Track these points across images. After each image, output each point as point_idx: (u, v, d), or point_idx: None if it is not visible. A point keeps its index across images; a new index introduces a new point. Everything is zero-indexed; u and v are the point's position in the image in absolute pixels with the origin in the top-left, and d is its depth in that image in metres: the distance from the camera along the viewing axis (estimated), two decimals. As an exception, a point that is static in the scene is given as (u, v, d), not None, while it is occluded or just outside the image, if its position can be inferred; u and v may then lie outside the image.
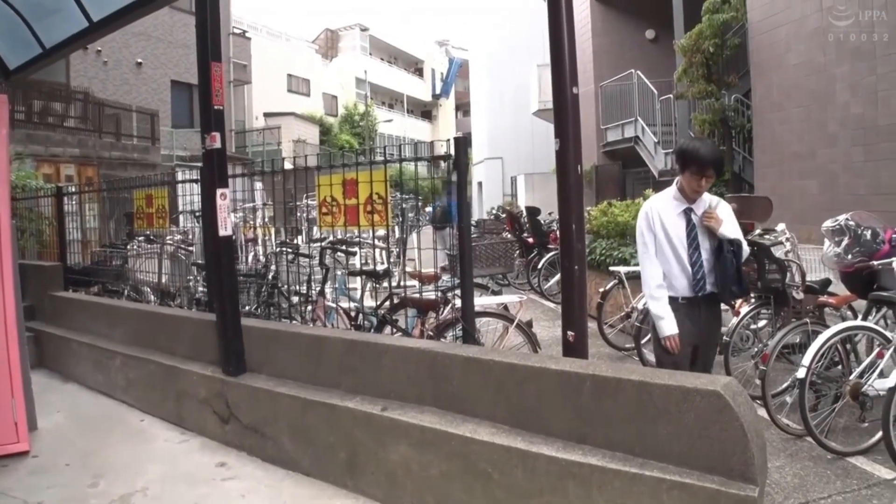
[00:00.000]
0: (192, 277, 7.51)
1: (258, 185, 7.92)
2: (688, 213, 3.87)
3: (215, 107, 4.29)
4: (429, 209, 13.57)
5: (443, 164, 4.22)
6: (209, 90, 4.28)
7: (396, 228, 9.64)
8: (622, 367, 2.89)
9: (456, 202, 4.09)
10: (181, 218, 8.62)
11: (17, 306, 4.68)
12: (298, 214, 8.86)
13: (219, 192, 4.31)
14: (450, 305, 5.03)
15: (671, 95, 16.47)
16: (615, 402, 2.70)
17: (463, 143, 3.91)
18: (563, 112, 3.18)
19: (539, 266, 11.22)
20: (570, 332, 3.27)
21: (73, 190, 9.14)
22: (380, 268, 6.33)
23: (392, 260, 9.40)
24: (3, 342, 4.47)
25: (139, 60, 23.27)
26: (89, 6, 5.49)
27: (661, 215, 3.88)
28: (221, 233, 4.33)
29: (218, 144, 4.29)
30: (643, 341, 6.54)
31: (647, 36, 20.65)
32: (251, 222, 8.96)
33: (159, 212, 6.48)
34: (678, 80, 14.96)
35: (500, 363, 3.12)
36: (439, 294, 5.12)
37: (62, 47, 6.07)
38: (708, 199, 3.93)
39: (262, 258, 7.99)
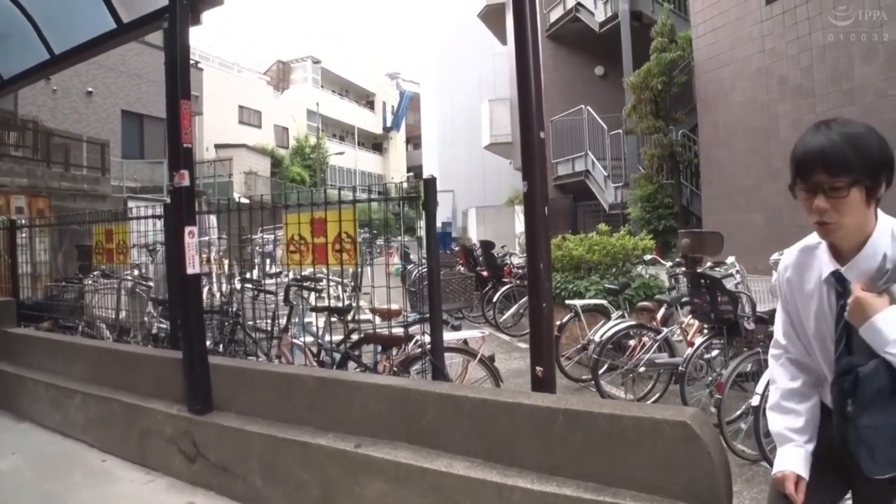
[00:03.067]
0: (149, 313, 7.45)
1: (212, 218, 7.91)
2: (837, 283, 1.94)
3: (184, 145, 4.32)
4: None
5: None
6: (178, 128, 4.31)
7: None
8: (593, 400, 3.00)
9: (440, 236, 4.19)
10: (134, 252, 8.56)
11: (-25, 345, 4.63)
12: (252, 248, 8.84)
13: (187, 229, 4.33)
14: (413, 341, 5.09)
15: (621, 130, 16.91)
16: (587, 434, 2.79)
17: (432, 184, 4.02)
18: (531, 155, 3.31)
19: (494, 299, 11.33)
20: (538, 368, 3.37)
21: (28, 223, 9.01)
22: (341, 304, 6.37)
23: (348, 294, 9.44)
24: (-42, 382, 4.41)
25: (89, 89, 22.98)
26: (51, 39, 5.49)
27: (793, 282, 2.12)
28: (189, 270, 4.35)
29: (187, 182, 4.32)
30: (600, 372, 6.68)
31: (597, 72, 21.23)
32: (205, 256, 8.93)
33: (119, 247, 6.44)
34: (628, 116, 15.41)
35: (473, 399, 3.19)
36: (405, 330, 5.18)
37: (21, 79, 6.04)
38: (883, 244, 1.87)
39: (216, 293, 7.95)
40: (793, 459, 2.07)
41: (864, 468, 1.84)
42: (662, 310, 7.28)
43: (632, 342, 6.87)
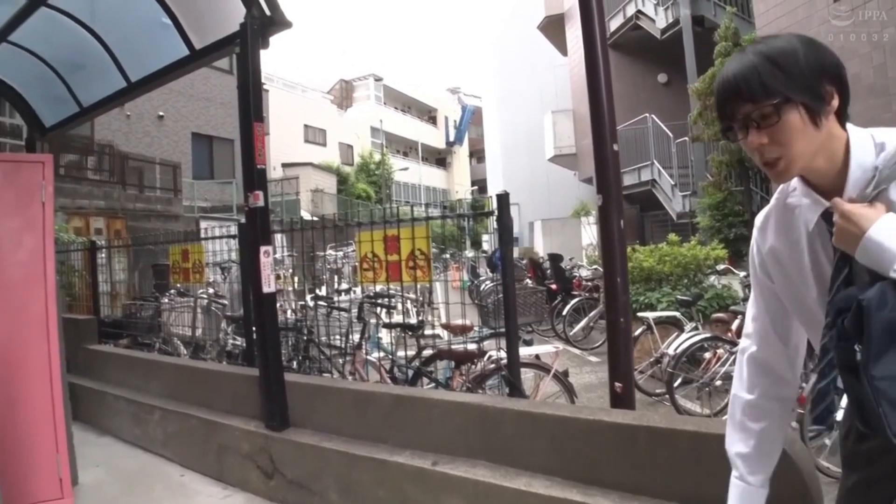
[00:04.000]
0: (224, 330, 7.61)
1: (281, 236, 8.06)
2: (828, 225, 1.53)
3: (258, 166, 4.39)
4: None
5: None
6: (252, 150, 4.39)
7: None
8: (675, 417, 2.93)
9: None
10: (207, 270, 8.77)
11: (62, 361, 4.76)
12: (321, 265, 8.95)
13: (262, 249, 4.39)
14: (487, 356, 5.06)
15: (687, 138, 16.61)
16: (671, 452, 2.73)
17: (505, 199, 4.00)
18: (605, 169, 3.28)
19: (564, 313, 11.23)
20: (617, 384, 3.32)
21: (107, 244, 9.32)
22: (412, 320, 6.38)
23: (417, 310, 9.47)
24: (48, 397, 4.53)
25: (161, 113, 23.64)
26: (127, 67, 5.64)
27: (776, 248, 1.71)
28: (265, 290, 4.41)
29: (261, 203, 4.39)
30: (675, 385, 6.55)
31: (660, 80, 20.94)
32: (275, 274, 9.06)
33: (195, 266, 6.60)
34: (693, 123, 15.12)
35: (552, 416, 3.15)
36: (477, 345, 5.15)
37: (99, 106, 6.17)
38: (868, 158, 1.50)
39: (287, 310, 8.09)
40: (734, 500, 1.82)
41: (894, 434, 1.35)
42: (737, 321, 7.09)
43: (707, 355, 6.71)
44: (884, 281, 1.37)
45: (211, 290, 8.23)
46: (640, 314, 8.01)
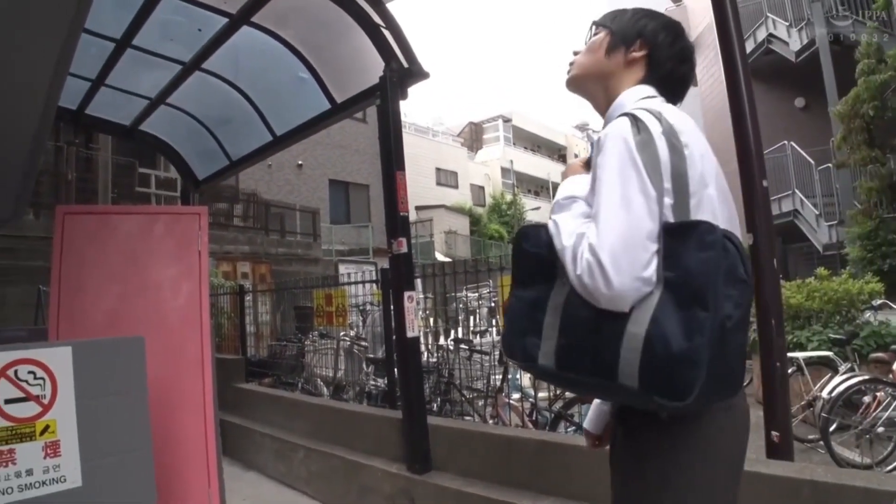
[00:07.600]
0: (364, 371, 7.77)
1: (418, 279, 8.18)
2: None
3: (401, 213, 4.52)
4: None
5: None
6: (395, 198, 4.52)
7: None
8: (842, 471, 2.75)
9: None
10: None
11: (215, 400, 4.98)
12: (456, 306, 9.00)
13: (406, 294, 4.49)
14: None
15: (830, 164, 15.80)
16: (839, 509, 2.57)
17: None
18: (755, 206, 3.15)
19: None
20: (774, 433, 3.14)
21: (253, 287, 9.79)
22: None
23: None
24: (202, 433, 4.74)
25: (300, 162, 24.80)
26: (273, 121, 5.93)
27: None
28: (409, 334, 4.49)
29: (405, 249, 4.50)
30: (831, 431, 6.17)
31: (797, 104, 20.02)
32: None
33: (339, 310, 6.82)
34: (838, 148, 14.39)
35: (706, 465, 3.03)
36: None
37: (247, 159, 6.49)
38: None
39: (424, 352, 8.17)
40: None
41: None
42: (899, 362, 6.63)
43: (866, 399, 6.29)
44: None
45: (352, 332, 8.45)
46: (789, 354, 7.61)
